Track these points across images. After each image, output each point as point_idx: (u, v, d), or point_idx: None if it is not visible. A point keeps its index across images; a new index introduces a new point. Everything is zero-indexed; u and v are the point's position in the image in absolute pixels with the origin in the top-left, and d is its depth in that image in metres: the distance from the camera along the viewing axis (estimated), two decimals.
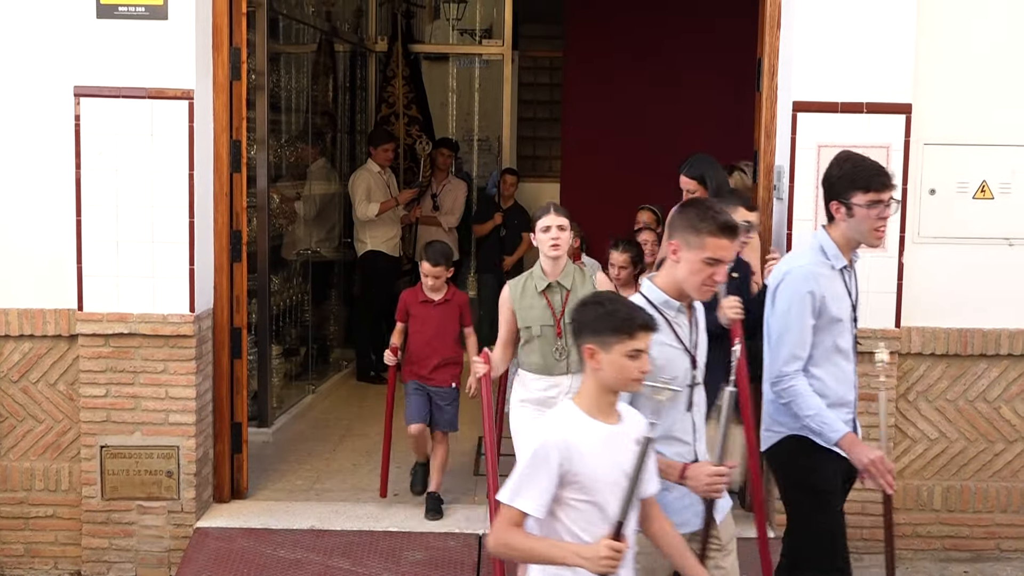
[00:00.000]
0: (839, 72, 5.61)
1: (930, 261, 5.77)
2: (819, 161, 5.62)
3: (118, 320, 5.59)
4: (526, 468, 3.14)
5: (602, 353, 3.18)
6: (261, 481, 6.44)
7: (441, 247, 6.19)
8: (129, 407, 5.64)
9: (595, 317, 3.23)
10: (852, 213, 4.14)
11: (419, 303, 6.13)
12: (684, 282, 3.64)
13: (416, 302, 6.14)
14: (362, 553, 5.55)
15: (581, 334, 3.26)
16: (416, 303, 6.14)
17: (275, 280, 7.95)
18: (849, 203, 4.13)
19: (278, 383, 8.06)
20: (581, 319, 3.28)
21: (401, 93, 10.33)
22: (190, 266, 5.60)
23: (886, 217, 4.18)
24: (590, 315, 3.25)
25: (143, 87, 5.53)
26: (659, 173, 7.11)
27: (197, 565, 5.44)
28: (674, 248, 3.66)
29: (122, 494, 5.66)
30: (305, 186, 8.84)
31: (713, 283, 3.62)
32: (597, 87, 9.86)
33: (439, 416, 6.13)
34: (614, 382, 3.21)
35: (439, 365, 6.09)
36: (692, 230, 3.62)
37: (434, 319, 6.10)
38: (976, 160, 5.78)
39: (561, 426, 3.21)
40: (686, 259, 3.62)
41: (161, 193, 5.57)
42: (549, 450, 3.13)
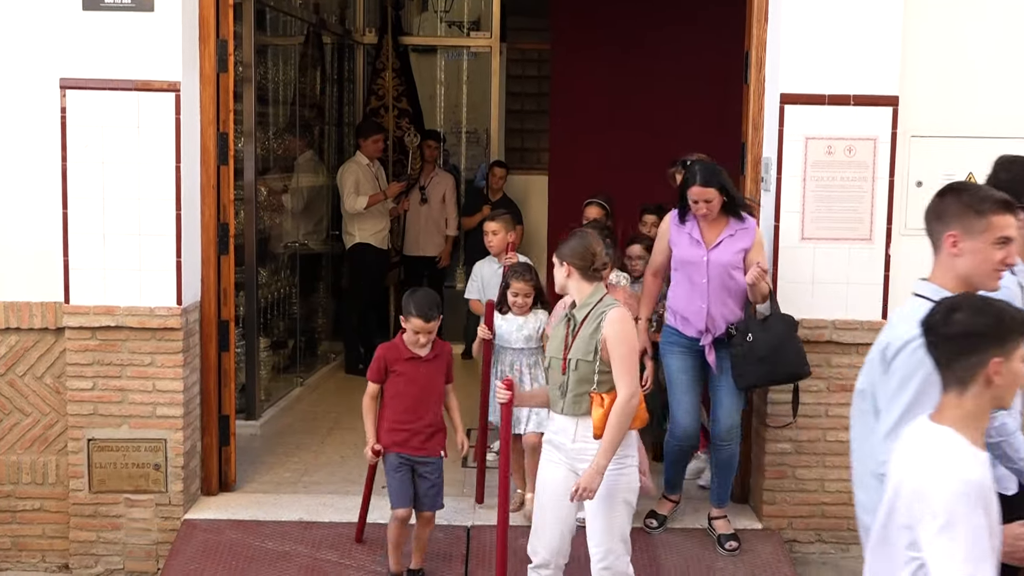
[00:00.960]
0: (826, 64, 5.62)
1: (917, 253, 5.72)
2: (806, 153, 5.64)
3: (105, 313, 5.57)
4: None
5: (1004, 362, 2.85)
6: (249, 474, 6.44)
7: (429, 297, 5.22)
8: (116, 400, 5.62)
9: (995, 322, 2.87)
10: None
11: (404, 360, 5.18)
12: (972, 273, 3.34)
13: (399, 359, 5.19)
14: (350, 546, 5.56)
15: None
16: (400, 360, 5.19)
17: (263, 273, 7.94)
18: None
19: (266, 376, 8.04)
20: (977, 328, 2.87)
21: (391, 85, 10.32)
22: (177, 259, 5.58)
23: None
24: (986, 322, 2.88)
25: (129, 79, 5.51)
26: (647, 164, 7.13)
27: (185, 557, 5.44)
28: (953, 239, 3.36)
29: (110, 487, 5.65)
30: (292, 179, 8.82)
31: (1004, 266, 3.34)
32: (584, 79, 9.83)
33: (427, 493, 5.24)
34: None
35: (430, 432, 5.23)
36: (973, 213, 3.31)
37: (422, 378, 5.20)
38: (963, 152, 5.79)
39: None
40: (971, 248, 3.32)
41: (148, 186, 5.56)
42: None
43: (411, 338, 5.13)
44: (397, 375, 5.18)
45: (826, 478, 5.79)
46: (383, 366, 5.20)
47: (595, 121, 9.72)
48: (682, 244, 5.52)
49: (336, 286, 10.04)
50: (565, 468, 4.43)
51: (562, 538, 4.48)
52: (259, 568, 5.36)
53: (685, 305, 5.54)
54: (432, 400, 5.22)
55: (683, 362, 5.62)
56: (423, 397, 5.19)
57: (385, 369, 5.20)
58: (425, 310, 5.07)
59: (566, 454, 4.44)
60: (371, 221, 9.02)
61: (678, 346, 5.62)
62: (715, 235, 5.46)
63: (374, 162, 9.13)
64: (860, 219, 5.65)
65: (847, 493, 5.71)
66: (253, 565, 5.38)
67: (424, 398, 5.19)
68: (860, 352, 5.61)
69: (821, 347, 5.69)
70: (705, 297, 5.46)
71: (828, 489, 5.79)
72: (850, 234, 5.66)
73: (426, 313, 5.07)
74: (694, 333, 5.53)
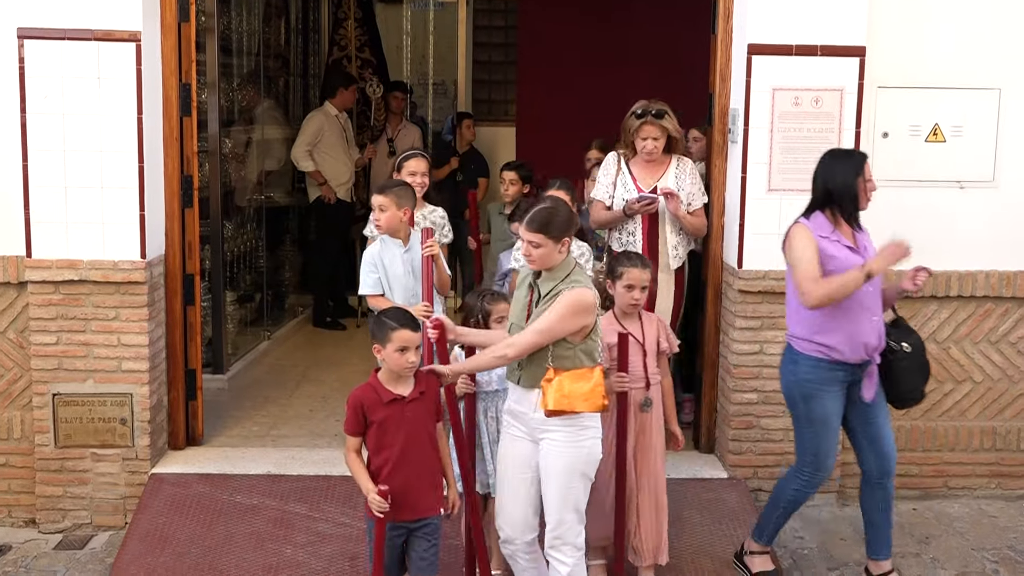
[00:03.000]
0: (794, 15, 5.60)
1: (883, 203, 5.79)
2: (773, 104, 5.63)
3: (68, 267, 5.52)
4: None
5: None
6: (217, 428, 6.43)
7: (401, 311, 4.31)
8: (81, 355, 5.58)
9: None
10: None
11: (384, 405, 4.16)
12: None
13: (378, 403, 4.16)
14: (319, 498, 5.56)
15: None
16: (379, 406, 4.16)
17: (228, 226, 7.87)
18: None
19: (233, 330, 8.01)
20: None
21: (353, 36, 10.20)
22: (140, 212, 5.52)
23: None
24: None
25: (89, 29, 5.42)
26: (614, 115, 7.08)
27: (153, 511, 5.43)
28: None
29: (75, 442, 5.63)
30: (255, 130, 8.72)
31: None
32: (552, 29, 9.79)
33: (423, 556, 4.26)
34: None
35: (425, 487, 4.24)
36: None
37: (408, 423, 4.18)
38: (928, 103, 5.82)
39: None
40: None
41: (109, 138, 5.48)
42: None
43: (398, 360, 4.10)
44: (378, 425, 4.16)
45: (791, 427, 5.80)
46: (360, 416, 4.17)
47: (563, 72, 9.69)
48: (840, 256, 4.66)
49: (303, 239, 9.99)
50: (527, 440, 4.28)
51: (524, 513, 4.32)
52: (227, 521, 5.36)
53: (852, 327, 4.67)
54: (424, 448, 4.22)
55: (840, 401, 4.80)
56: (412, 447, 4.18)
57: (364, 419, 4.18)
58: (406, 320, 4.14)
59: (526, 424, 4.26)
60: (332, 173, 8.94)
61: (838, 382, 4.75)
62: (852, 239, 4.77)
63: (342, 113, 9.04)
64: None
65: None
66: (221, 518, 5.39)
67: (414, 448, 4.18)
68: None
69: None
70: (876, 308, 4.75)
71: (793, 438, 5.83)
72: None
73: (410, 322, 4.14)
74: (863, 355, 4.70)
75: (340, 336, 8.94)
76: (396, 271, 5.25)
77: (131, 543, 5.22)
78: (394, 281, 5.26)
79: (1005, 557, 5.44)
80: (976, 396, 6.03)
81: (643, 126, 5.79)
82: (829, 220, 4.72)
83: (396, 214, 5.19)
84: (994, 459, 6.09)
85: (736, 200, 5.74)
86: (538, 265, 4.20)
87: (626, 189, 5.86)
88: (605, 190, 5.94)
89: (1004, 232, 5.87)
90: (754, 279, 5.71)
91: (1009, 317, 5.97)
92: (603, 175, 5.98)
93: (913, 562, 5.37)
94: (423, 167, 5.79)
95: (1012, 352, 6.00)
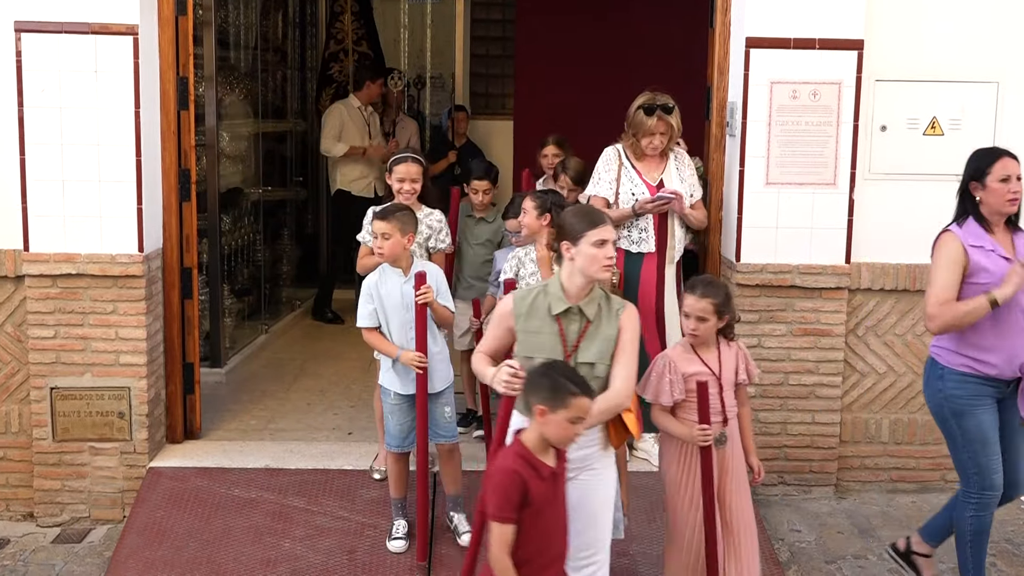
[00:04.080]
0: (792, 8, 5.60)
1: (880, 197, 5.82)
2: (771, 97, 5.63)
3: (65, 260, 5.51)
4: None
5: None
6: (215, 421, 6.43)
7: (579, 376, 3.61)
8: (79, 348, 5.58)
9: None
10: None
11: (543, 480, 3.49)
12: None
13: (537, 477, 3.46)
14: (317, 491, 5.57)
15: None
16: (537, 479, 3.46)
17: (226, 219, 7.87)
18: None
19: (231, 323, 8.01)
20: None
21: (350, 29, 10.17)
22: (138, 205, 5.52)
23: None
24: None
25: (86, 22, 5.41)
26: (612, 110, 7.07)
27: (151, 505, 5.43)
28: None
29: (73, 435, 5.62)
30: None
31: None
32: (550, 23, 9.78)
33: None
34: None
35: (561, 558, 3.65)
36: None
37: (559, 502, 3.62)
38: (926, 96, 5.81)
39: None
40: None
41: (107, 131, 5.47)
42: None
43: (568, 431, 3.47)
44: (535, 507, 3.44)
45: (789, 421, 5.84)
46: (522, 495, 3.40)
47: (560, 65, 9.67)
48: (994, 268, 4.39)
49: (300, 232, 9.98)
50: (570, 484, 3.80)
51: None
52: (225, 515, 5.36)
53: (1010, 341, 4.41)
54: (564, 521, 3.65)
55: (994, 413, 4.52)
56: (558, 521, 3.60)
57: (524, 497, 3.41)
58: (586, 385, 3.55)
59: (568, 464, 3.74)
60: (350, 168, 8.83)
61: (989, 397, 4.48)
62: (1011, 245, 4.50)
63: (367, 107, 8.95)
64: (824, 164, 5.66)
65: (809, 436, 5.81)
66: (219, 512, 5.39)
67: (559, 521, 3.61)
68: (824, 296, 5.67)
69: (785, 291, 5.72)
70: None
71: (791, 432, 5.85)
72: (814, 179, 5.67)
73: (588, 389, 3.55)
74: (1017, 372, 4.43)
75: (337, 330, 8.93)
76: (394, 302, 4.97)
77: (129, 537, 5.22)
78: (391, 312, 4.99)
79: (1002, 550, 5.45)
80: None
81: (653, 121, 5.54)
82: (982, 225, 4.43)
83: (400, 241, 4.91)
84: None
85: (734, 193, 5.74)
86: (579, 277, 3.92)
87: (633, 184, 5.63)
88: (608, 187, 5.65)
89: None
90: (752, 272, 5.72)
91: None
92: (603, 171, 5.71)
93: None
94: (415, 172, 5.49)
95: None
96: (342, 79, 10.14)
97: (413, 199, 5.49)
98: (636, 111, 5.59)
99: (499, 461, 3.52)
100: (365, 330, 5.07)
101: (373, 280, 5.05)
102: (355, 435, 6.32)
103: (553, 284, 3.98)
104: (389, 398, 5.08)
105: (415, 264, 5.02)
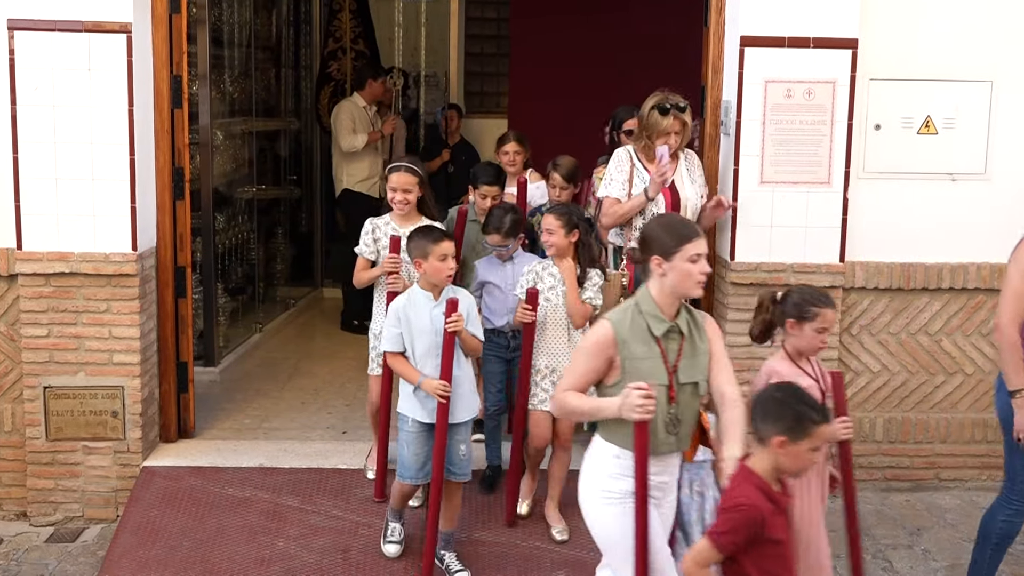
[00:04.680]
0: (786, 7, 5.59)
1: (875, 196, 5.82)
2: (766, 96, 5.63)
3: (59, 259, 5.50)
4: None
5: None
6: (208, 420, 6.42)
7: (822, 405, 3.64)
8: (72, 347, 5.56)
9: None
10: None
11: (779, 513, 3.42)
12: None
13: (776, 513, 3.38)
14: (311, 491, 5.56)
15: None
16: (776, 515, 3.39)
17: (220, 218, 7.86)
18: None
19: (225, 322, 8.00)
20: None
21: (348, 27, 10.13)
22: (131, 204, 5.51)
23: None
24: None
25: (79, 20, 5.40)
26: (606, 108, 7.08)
27: (144, 504, 5.42)
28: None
29: (67, 435, 5.61)
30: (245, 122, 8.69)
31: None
32: (544, 22, 9.78)
33: None
34: None
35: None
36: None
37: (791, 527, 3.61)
38: (921, 95, 5.82)
39: None
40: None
41: (100, 129, 5.46)
42: None
43: (807, 459, 3.39)
44: (774, 542, 3.31)
45: None
46: (756, 531, 3.27)
47: (554, 64, 9.67)
48: None
49: (295, 231, 9.97)
50: (654, 511, 3.69)
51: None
52: (219, 514, 5.35)
53: None
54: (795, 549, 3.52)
55: None
56: (794, 550, 3.49)
57: (759, 535, 3.28)
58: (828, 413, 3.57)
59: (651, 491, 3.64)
60: (358, 167, 8.76)
61: None
62: None
63: (371, 106, 8.88)
64: (819, 162, 5.66)
65: None
66: (213, 511, 5.38)
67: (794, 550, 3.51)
68: None
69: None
70: None
71: None
72: (809, 178, 5.67)
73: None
74: None
75: (332, 330, 8.92)
76: (422, 325, 4.77)
77: (123, 536, 5.21)
78: (417, 337, 4.77)
79: None
80: (967, 388, 6.04)
81: (668, 121, 5.38)
82: None
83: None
84: (985, 451, 6.10)
85: (728, 192, 5.73)
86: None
87: (645, 183, 5.50)
88: (620, 187, 5.50)
89: (995, 224, 5.86)
90: (746, 271, 5.72)
91: None
92: (616, 172, 5.53)
93: (905, 554, 5.38)
94: (407, 182, 5.39)
95: None
96: (340, 77, 10.12)
97: (408, 209, 5.43)
98: (650, 112, 5.43)
99: (737, 491, 3.34)
100: (388, 354, 4.89)
101: (401, 303, 4.84)
102: (349, 434, 6.32)
103: (646, 302, 3.68)
104: (407, 425, 4.82)
105: (447, 290, 4.82)
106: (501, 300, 5.50)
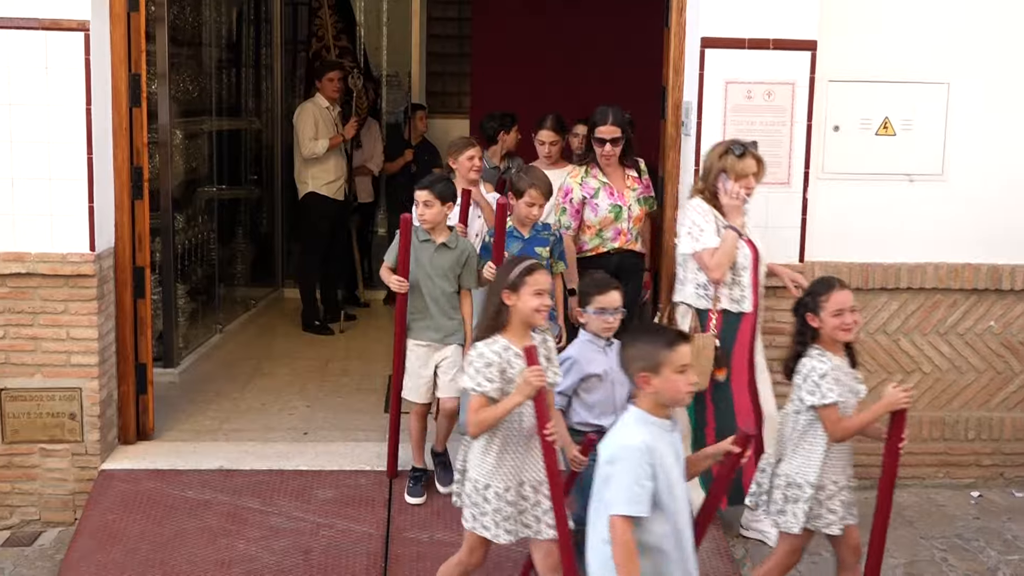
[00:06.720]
0: (746, 8, 5.63)
1: (833, 196, 5.87)
2: (726, 97, 5.66)
3: (15, 260, 5.43)
4: None
5: None
6: (168, 422, 6.36)
7: None
8: (29, 349, 5.50)
9: None
10: None
11: None
12: None
13: None
14: (272, 492, 5.53)
15: None
16: None
17: (179, 218, 7.79)
18: None
19: (184, 323, 7.93)
20: None
21: (329, 24, 9.97)
22: (89, 204, 5.45)
23: None
24: None
25: (36, 18, 5.34)
26: (568, 108, 7.10)
27: (103, 507, 5.37)
28: None
29: (24, 437, 5.55)
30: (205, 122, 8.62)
31: None
32: (506, 21, 9.78)
33: None
34: None
35: None
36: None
37: None
38: (879, 97, 5.88)
39: None
40: None
41: (58, 129, 5.40)
42: None
43: None
44: None
45: None
46: None
47: (516, 64, 9.67)
48: None
49: (255, 232, 9.90)
50: None
51: None
52: (179, 517, 5.31)
53: None
54: None
55: None
56: None
57: None
58: None
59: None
60: (322, 169, 8.66)
61: None
62: None
63: (333, 105, 8.78)
64: (778, 163, 5.70)
65: None
66: (173, 514, 5.33)
67: None
68: (779, 295, 5.69)
69: None
70: None
71: None
72: (768, 178, 5.67)
73: None
74: None
75: (293, 331, 8.87)
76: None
77: (81, 540, 5.16)
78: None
79: (953, 545, 5.52)
80: (925, 387, 6.10)
81: (749, 160, 5.17)
82: None
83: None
84: (943, 449, 6.17)
85: (688, 192, 5.75)
86: None
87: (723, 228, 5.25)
88: (712, 237, 5.21)
89: (953, 225, 5.95)
90: None
91: (957, 309, 6.04)
92: (703, 222, 5.22)
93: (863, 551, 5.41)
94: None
95: (960, 343, 6.08)
96: None
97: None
98: (725, 155, 5.19)
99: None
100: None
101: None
102: (311, 435, 6.28)
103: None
104: None
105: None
106: (607, 393, 4.67)
